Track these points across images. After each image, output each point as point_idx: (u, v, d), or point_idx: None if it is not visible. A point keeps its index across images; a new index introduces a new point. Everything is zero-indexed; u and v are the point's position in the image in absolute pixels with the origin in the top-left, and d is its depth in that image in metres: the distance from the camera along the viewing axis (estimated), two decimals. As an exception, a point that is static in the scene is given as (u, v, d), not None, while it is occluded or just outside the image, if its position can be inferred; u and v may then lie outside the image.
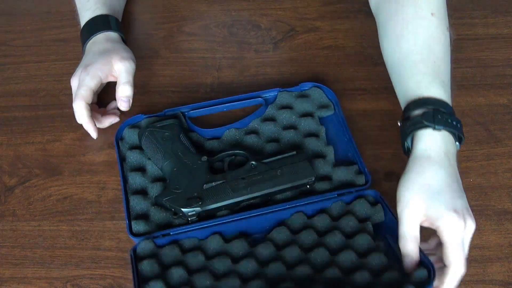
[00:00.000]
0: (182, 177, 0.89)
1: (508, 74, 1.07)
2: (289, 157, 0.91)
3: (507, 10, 1.16)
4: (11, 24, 1.17)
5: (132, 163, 0.94)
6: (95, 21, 1.02)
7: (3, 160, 0.99)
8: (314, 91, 1.02)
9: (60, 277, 0.86)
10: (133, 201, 0.89)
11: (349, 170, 0.93)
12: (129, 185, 0.92)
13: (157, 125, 0.94)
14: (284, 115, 1.00)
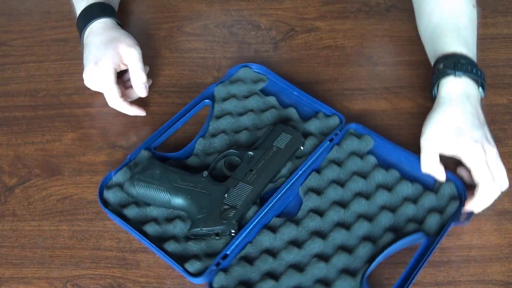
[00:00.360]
0: (199, 200, 0.87)
1: (508, 74, 1.07)
2: (271, 132, 0.94)
3: (507, 10, 1.16)
4: (11, 24, 1.18)
5: (137, 218, 0.89)
6: (89, 10, 1.02)
7: (3, 160, 0.99)
8: (245, 72, 1.07)
9: (60, 277, 0.86)
10: (170, 247, 0.86)
11: (319, 119, 0.98)
12: (151, 237, 0.87)
13: (139, 170, 0.89)
14: (232, 104, 1.02)
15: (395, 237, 0.85)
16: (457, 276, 0.85)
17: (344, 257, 0.83)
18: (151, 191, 0.88)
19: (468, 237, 0.89)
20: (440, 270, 0.86)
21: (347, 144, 0.96)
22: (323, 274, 0.82)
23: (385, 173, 0.92)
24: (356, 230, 0.86)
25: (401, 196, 0.90)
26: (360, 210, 0.88)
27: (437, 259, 0.87)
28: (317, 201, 0.90)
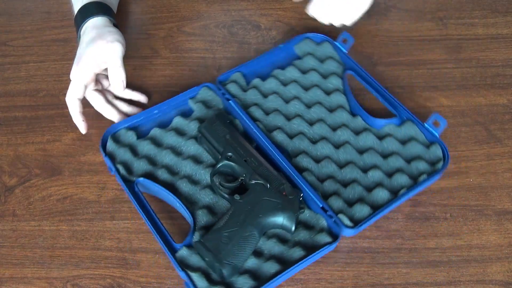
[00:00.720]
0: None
1: (508, 74, 1.07)
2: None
3: (507, 10, 1.16)
4: (11, 24, 1.17)
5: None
6: (83, 10, 1.01)
7: (3, 160, 0.99)
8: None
9: (60, 277, 0.86)
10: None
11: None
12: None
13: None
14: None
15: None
16: (457, 276, 0.85)
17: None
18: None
19: (468, 237, 0.89)
20: (440, 270, 0.86)
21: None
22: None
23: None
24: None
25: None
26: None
27: (437, 259, 0.87)
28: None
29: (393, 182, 0.92)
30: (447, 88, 1.05)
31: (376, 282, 0.85)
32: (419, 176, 0.92)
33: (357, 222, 0.86)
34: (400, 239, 0.89)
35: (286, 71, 1.06)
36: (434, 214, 0.91)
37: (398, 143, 0.96)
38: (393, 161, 0.94)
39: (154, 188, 0.92)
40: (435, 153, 0.94)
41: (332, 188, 0.91)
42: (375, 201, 0.90)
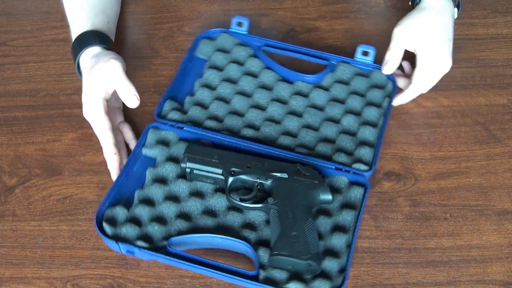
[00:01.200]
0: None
1: (508, 74, 1.07)
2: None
3: (507, 10, 1.16)
4: (11, 24, 1.17)
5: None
6: (79, 40, 0.99)
7: (3, 160, 0.99)
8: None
9: (60, 277, 0.86)
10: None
11: None
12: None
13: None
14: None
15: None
16: (457, 276, 0.85)
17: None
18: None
19: (468, 237, 0.89)
20: (440, 270, 0.86)
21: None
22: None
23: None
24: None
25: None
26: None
27: (437, 259, 0.87)
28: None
29: (366, 116, 0.99)
30: (447, 88, 1.05)
31: (376, 282, 0.85)
32: (383, 102, 1.00)
33: (368, 163, 0.93)
34: (400, 239, 0.89)
35: (208, 76, 1.05)
36: (434, 214, 0.91)
37: (345, 86, 1.03)
38: (352, 101, 1.01)
39: (195, 239, 0.86)
40: (379, 78, 1.02)
41: (325, 149, 0.96)
42: (366, 138, 0.96)
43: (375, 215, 0.91)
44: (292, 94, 1.03)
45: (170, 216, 0.89)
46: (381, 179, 0.95)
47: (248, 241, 0.85)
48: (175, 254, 0.83)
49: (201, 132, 0.96)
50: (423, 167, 0.96)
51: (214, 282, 0.85)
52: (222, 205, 0.90)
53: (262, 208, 0.87)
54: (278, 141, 0.97)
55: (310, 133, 0.98)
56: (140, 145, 0.95)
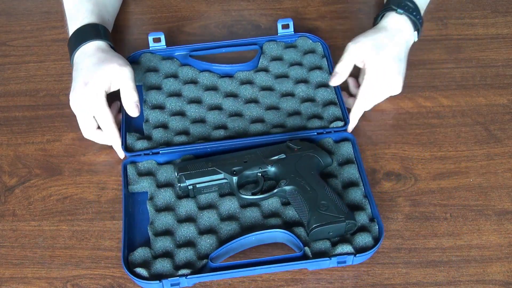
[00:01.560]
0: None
1: (508, 74, 1.07)
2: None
3: (507, 10, 1.16)
4: (11, 24, 1.17)
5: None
6: (83, 30, 0.99)
7: (3, 160, 0.99)
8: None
9: (60, 277, 0.86)
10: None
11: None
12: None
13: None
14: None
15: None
16: (457, 276, 0.85)
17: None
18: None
19: (468, 237, 0.89)
20: (440, 270, 0.86)
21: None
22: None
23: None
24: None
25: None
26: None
27: (437, 259, 0.87)
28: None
29: (315, 80, 1.04)
30: (447, 88, 1.05)
31: (376, 282, 0.85)
32: (321, 63, 1.06)
33: (341, 118, 0.99)
34: (400, 239, 0.89)
35: (151, 98, 1.03)
36: (434, 214, 0.91)
37: (281, 61, 1.07)
38: (295, 72, 1.06)
39: (231, 247, 0.85)
40: (306, 44, 1.09)
41: (297, 122, 0.99)
42: (326, 99, 1.02)
43: (375, 215, 0.91)
44: (238, 85, 1.05)
45: (193, 236, 0.87)
46: (381, 179, 0.95)
47: (278, 228, 0.87)
48: (221, 267, 0.83)
49: (178, 149, 0.96)
50: (423, 167, 0.96)
51: (214, 282, 0.85)
52: (236, 206, 0.90)
53: (277, 193, 0.88)
54: (251, 131, 0.99)
55: (275, 113, 1.01)
56: (125, 186, 0.92)
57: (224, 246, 0.85)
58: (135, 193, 0.93)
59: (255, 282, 0.85)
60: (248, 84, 1.05)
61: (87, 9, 1.02)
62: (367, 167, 0.96)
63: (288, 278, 0.85)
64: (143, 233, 0.89)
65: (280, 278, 0.86)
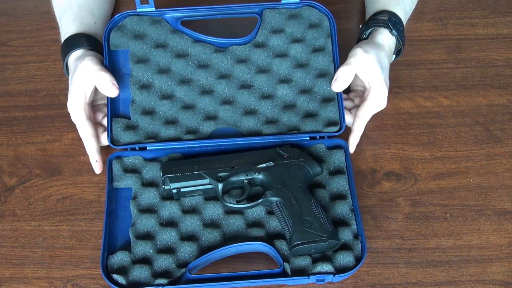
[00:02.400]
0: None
1: (508, 74, 1.07)
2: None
3: (507, 10, 1.16)
4: (11, 24, 1.17)
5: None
6: (64, 46, 0.99)
7: (3, 160, 0.99)
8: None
9: (60, 277, 0.86)
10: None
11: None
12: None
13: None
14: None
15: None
16: (457, 276, 0.85)
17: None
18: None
19: (468, 237, 0.89)
20: (440, 270, 0.86)
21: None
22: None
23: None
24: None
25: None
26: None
27: (437, 259, 0.87)
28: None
29: (315, 66, 0.98)
30: (447, 88, 1.05)
31: (376, 282, 0.85)
32: (326, 44, 0.99)
33: (336, 122, 0.95)
34: (400, 239, 0.89)
35: (137, 74, 0.98)
36: (434, 214, 0.91)
37: (282, 34, 0.99)
38: (296, 52, 0.99)
39: (211, 257, 0.85)
40: (312, 15, 1.00)
41: (291, 119, 0.95)
42: (324, 93, 0.97)
43: (375, 215, 0.91)
44: (233, 63, 0.98)
45: (174, 242, 0.87)
46: (381, 179, 0.95)
47: (260, 240, 0.86)
48: (199, 279, 0.83)
49: (165, 145, 0.94)
50: (423, 167, 0.96)
51: (214, 282, 0.85)
52: (219, 212, 0.89)
53: (262, 203, 0.87)
54: (242, 125, 0.95)
55: (269, 103, 0.97)
56: (109, 181, 0.91)
57: (204, 257, 0.84)
58: (119, 189, 0.92)
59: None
60: (244, 63, 0.98)
61: (67, 22, 1.01)
62: (367, 167, 0.96)
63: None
64: (124, 234, 0.88)
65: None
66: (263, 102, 0.97)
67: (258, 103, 0.97)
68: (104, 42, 0.98)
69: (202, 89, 0.98)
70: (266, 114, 0.97)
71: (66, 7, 1.03)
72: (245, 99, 0.97)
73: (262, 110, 0.97)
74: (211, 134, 0.96)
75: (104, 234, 0.86)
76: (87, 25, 1.02)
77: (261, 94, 0.98)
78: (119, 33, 0.99)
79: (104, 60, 0.97)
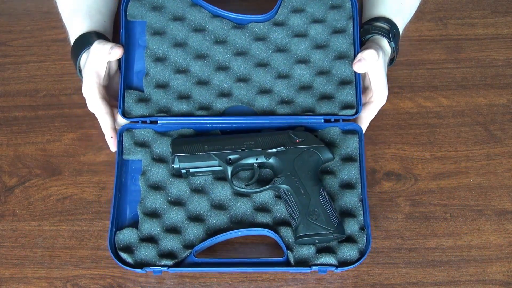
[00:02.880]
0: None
1: (508, 74, 1.07)
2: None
3: (507, 10, 1.16)
4: (11, 24, 1.17)
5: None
6: (77, 43, 0.99)
7: (3, 160, 0.99)
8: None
9: (60, 277, 0.86)
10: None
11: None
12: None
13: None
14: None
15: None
16: (457, 276, 0.85)
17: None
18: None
19: (468, 237, 0.89)
20: (440, 270, 0.86)
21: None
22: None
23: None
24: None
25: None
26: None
27: (437, 259, 0.87)
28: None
29: (334, 47, 0.96)
30: (447, 88, 1.05)
31: (376, 282, 0.85)
32: (347, 26, 0.96)
33: (353, 105, 0.92)
34: (400, 239, 0.89)
35: (153, 46, 0.96)
36: (434, 214, 0.91)
37: (302, 14, 0.97)
38: (315, 32, 0.96)
39: (216, 240, 0.86)
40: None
41: (306, 100, 0.94)
42: (342, 75, 0.95)
43: (375, 215, 0.91)
44: (251, 40, 0.96)
45: (181, 221, 0.87)
46: (381, 179, 0.95)
47: (266, 226, 0.86)
48: (204, 263, 0.84)
49: (177, 120, 0.93)
50: (423, 167, 0.96)
51: (214, 281, 0.85)
52: (228, 193, 0.89)
53: (270, 188, 0.87)
54: (256, 103, 0.94)
55: (284, 83, 0.94)
56: (119, 153, 0.92)
57: (209, 240, 0.85)
58: (129, 162, 0.92)
59: (255, 282, 0.85)
60: (262, 41, 0.96)
61: (78, 21, 1.01)
62: (367, 167, 0.96)
63: (288, 278, 0.86)
64: (132, 208, 0.89)
65: (280, 278, 0.86)
66: (279, 81, 0.95)
67: (274, 82, 0.95)
68: (122, 11, 0.98)
69: (218, 65, 0.96)
70: (281, 94, 0.95)
71: (75, 7, 1.03)
72: (261, 78, 0.95)
73: (277, 90, 0.95)
74: (224, 112, 0.94)
75: (113, 208, 0.87)
76: (98, 24, 1.03)
77: (278, 73, 0.96)
78: (137, 3, 0.98)
79: (120, 31, 0.96)
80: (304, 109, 0.93)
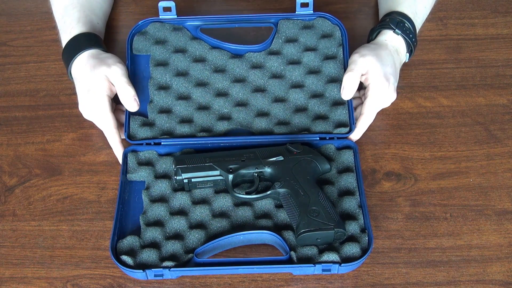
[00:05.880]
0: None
1: (508, 74, 1.07)
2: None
3: (507, 10, 1.16)
4: (11, 24, 1.17)
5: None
6: (72, 43, 0.99)
7: (3, 160, 0.99)
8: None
9: (60, 277, 0.86)
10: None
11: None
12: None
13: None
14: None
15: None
16: (457, 276, 0.85)
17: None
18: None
19: (468, 237, 0.89)
20: (440, 270, 0.86)
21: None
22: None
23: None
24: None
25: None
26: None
27: (437, 259, 0.87)
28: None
29: (326, 72, 1.01)
30: (447, 88, 1.05)
31: (376, 282, 0.85)
32: (337, 52, 1.02)
33: (346, 124, 0.97)
34: (400, 239, 0.89)
35: (157, 76, 1.02)
36: (434, 214, 0.91)
37: (295, 44, 1.04)
38: (308, 59, 1.02)
39: (218, 243, 0.86)
40: (324, 26, 1.05)
41: (302, 120, 0.98)
42: (335, 97, 0.99)
43: (375, 215, 0.91)
44: (248, 68, 1.02)
45: (183, 229, 0.88)
46: (381, 179, 0.95)
47: (268, 230, 0.87)
48: (205, 263, 0.84)
49: (179, 141, 0.96)
50: (423, 167, 0.96)
51: (214, 282, 0.85)
52: (229, 204, 0.90)
53: (271, 194, 0.88)
54: (255, 125, 0.98)
55: (281, 106, 0.99)
56: (124, 173, 0.93)
57: (211, 242, 0.85)
58: (132, 182, 0.94)
59: (255, 282, 0.85)
60: (258, 68, 1.02)
61: (73, 19, 1.02)
62: (367, 167, 0.96)
63: (288, 278, 0.86)
64: (134, 221, 0.90)
65: (280, 278, 0.86)
66: (275, 105, 1.00)
67: (271, 106, 1.00)
68: (128, 46, 1.03)
69: (218, 92, 1.01)
70: (278, 116, 0.99)
71: (68, 4, 1.03)
72: (258, 102, 1.00)
73: (274, 112, 0.99)
74: (225, 134, 0.98)
75: (115, 221, 0.87)
76: (92, 25, 1.03)
77: (274, 97, 1.01)
78: (142, 38, 1.04)
79: (125, 63, 1.00)
80: (300, 129, 0.97)
